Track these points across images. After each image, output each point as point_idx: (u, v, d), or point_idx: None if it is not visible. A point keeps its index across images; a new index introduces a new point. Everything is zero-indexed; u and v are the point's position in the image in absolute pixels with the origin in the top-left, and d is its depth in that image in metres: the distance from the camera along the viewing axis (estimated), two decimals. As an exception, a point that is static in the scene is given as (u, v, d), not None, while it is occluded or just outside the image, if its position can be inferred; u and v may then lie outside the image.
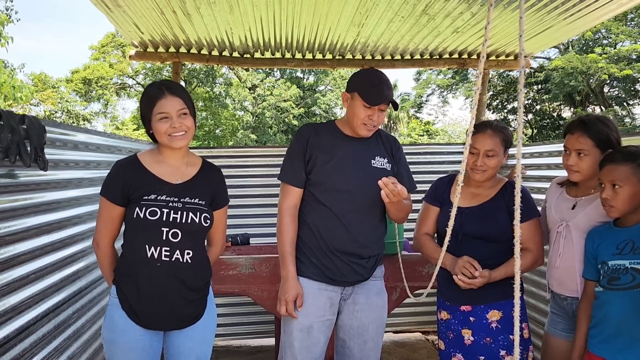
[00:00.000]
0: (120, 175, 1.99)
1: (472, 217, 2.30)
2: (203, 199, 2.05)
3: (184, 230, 1.96)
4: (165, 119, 1.95)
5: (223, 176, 2.20)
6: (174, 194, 1.99)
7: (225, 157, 4.49)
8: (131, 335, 1.94)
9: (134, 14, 3.19)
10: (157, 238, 1.93)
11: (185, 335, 2.03)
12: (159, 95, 1.96)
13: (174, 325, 2.02)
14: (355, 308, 2.29)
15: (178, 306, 1.99)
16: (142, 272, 1.94)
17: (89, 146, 3.04)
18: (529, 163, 3.93)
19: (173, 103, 1.96)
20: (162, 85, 2.00)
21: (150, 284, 1.94)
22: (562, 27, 3.49)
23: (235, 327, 4.49)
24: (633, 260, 1.88)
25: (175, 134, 1.97)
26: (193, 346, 2.04)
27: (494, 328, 2.25)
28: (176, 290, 1.97)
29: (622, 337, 1.89)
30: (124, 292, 1.97)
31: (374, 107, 2.19)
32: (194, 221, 1.98)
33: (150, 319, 1.97)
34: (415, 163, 4.54)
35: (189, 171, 2.08)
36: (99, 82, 24.08)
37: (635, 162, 1.92)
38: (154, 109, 1.95)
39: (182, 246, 1.97)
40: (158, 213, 1.93)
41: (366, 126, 2.22)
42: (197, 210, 2.00)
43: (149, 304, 1.95)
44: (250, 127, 25.78)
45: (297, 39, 3.81)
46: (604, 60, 19.32)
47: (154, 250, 1.93)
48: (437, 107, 31.26)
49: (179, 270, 1.97)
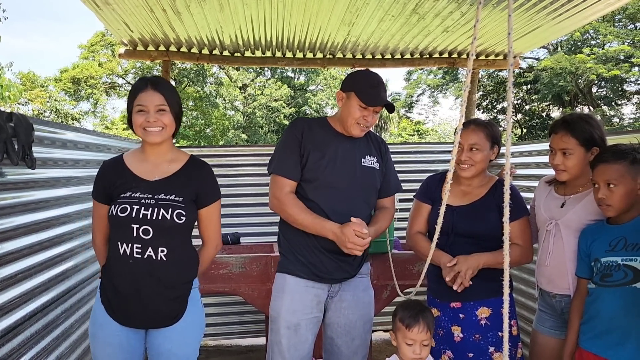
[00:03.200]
0: (103, 175, 2.06)
1: (463, 216, 2.31)
2: (181, 195, 2.00)
3: (155, 227, 1.93)
4: (142, 112, 1.96)
5: (211, 172, 2.15)
6: (148, 191, 1.98)
7: (215, 156, 4.47)
8: (108, 330, 1.96)
9: (123, 12, 3.17)
10: (128, 235, 1.93)
11: (164, 337, 1.99)
12: (141, 88, 1.98)
13: (150, 324, 1.99)
14: (342, 305, 2.29)
15: (153, 304, 1.95)
16: (117, 269, 1.96)
17: (78, 144, 3.02)
18: (518, 162, 3.96)
19: (153, 98, 1.96)
20: (148, 80, 2.01)
21: (124, 280, 1.95)
22: (550, 26, 3.52)
23: (226, 326, 4.48)
24: (625, 256, 1.90)
25: (150, 128, 1.96)
26: (172, 348, 1.99)
27: (483, 325, 2.26)
28: (150, 287, 1.94)
29: (613, 333, 1.90)
30: (105, 287, 2.01)
31: (370, 109, 2.20)
32: (165, 218, 1.93)
33: (125, 315, 1.96)
34: (406, 162, 4.56)
35: (170, 168, 2.05)
36: (88, 81, 23.87)
37: (627, 160, 1.94)
38: (135, 101, 1.97)
39: (154, 243, 1.93)
40: (128, 210, 1.93)
41: (359, 126, 2.23)
42: (170, 206, 1.96)
43: (123, 300, 1.96)
44: (241, 126, 25.71)
45: (287, 38, 3.81)
46: (592, 61, 19.50)
47: (125, 247, 1.93)
48: (427, 107, 31.36)
49: (153, 268, 1.93)
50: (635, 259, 1.86)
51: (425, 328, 2.02)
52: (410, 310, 2.06)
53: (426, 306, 2.15)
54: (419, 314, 2.04)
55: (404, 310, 2.07)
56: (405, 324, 2.03)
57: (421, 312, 2.05)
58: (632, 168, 1.93)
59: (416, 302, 2.13)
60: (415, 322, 2.03)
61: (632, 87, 21.55)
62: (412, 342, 2.02)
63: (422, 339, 2.02)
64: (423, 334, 2.02)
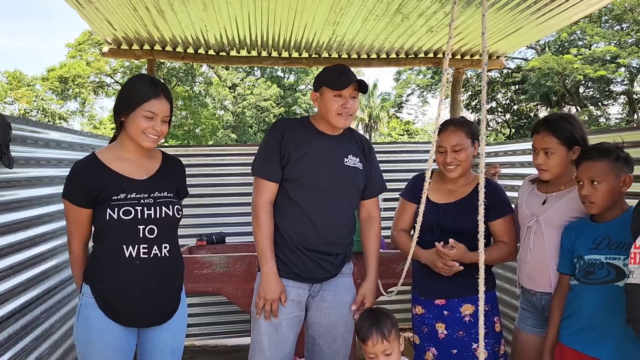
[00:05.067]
0: (83, 178, 1.93)
1: (449, 213, 2.33)
2: (171, 191, 2.05)
3: (160, 225, 1.95)
4: (150, 119, 1.93)
5: (184, 167, 2.20)
6: (143, 190, 1.96)
7: (202, 155, 4.46)
8: (109, 334, 1.92)
9: (105, 11, 3.15)
10: (134, 237, 1.91)
11: (162, 329, 2.03)
12: (154, 94, 1.93)
13: (153, 321, 2.01)
14: (324, 305, 2.29)
15: (158, 302, 1.99)
16: (121, 272, 1.92)
17: (61, 144, 3.01)
18: (503, 161, 3.99)
19: (163, 107, 1.96)
20: (158, 84, 1.98)
21: (130, 282, 1.92)
22: (534, 26, 3.55)
23: (212, 326, 4.47)
24: (609, 255, 1.91)
25: (151, 135, 1.95)
26: (168, 339, 2.04)
27: (467, 322, 2.28)
28: (156, 285, 1.97)
29: (593, 330, 1.92)
30: (101, 291, 1.92)
31: (345, 95, 2.20)
32: (167, 215, 1.97)
33: (130, 316, 1.95)
34: (393, 162, 4.58)
35: (151, 165, 2.05)
36: (75, 80, 23.71)
37: (611, 158, 1.96)
38: (145, 104, 1.91)
39: (159, 241, 1.96)
40: (132, 212, 1.90)
41: (342, 116, 2.22)
42: (169, 203, 2.00)
43: (129, 302, 1.93)
44: (231, 126, 25.66)
45: (272, 37, 3.80)
46: (579, 61, 19.70)
47: (132, 250, 1.91)
48: (416, 106, 31.55)
49: (158, 266, 1.96)
50: (619, 258, 1.87)
51: (380, 338, 1.90)
52: (364, 321, 1.98)
53: (385, 312, 2.02)
54: (372, 325, 1.93)
55: (360, 322, 1.99)
56: (360, 337, 1.95)
57: (375, 323, 1.94)
58: (616, 166, 1.95)
59: (372, 311, 2.04)
60: (368, 334, 1.92)
61: (618, 87, 21.80)
62: (372, 355, 1.92)
63: (382, 350, 1.91)
64: (380, 345, 1.90)
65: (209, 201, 4.41)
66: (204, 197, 4.40)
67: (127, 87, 1.99)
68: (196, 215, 4.35)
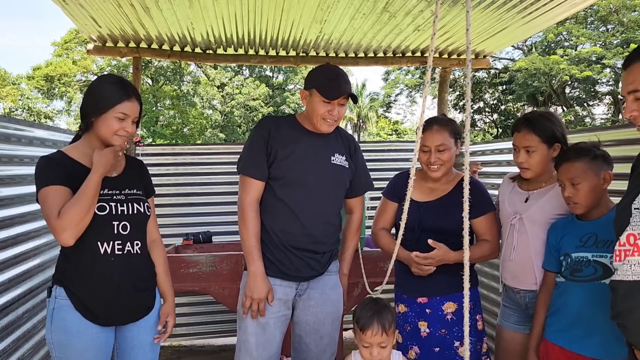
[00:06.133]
0: (56, 163, 1.88)
1: (430, 212, 2.33)
2: (139, 189, 2.07)
3: (132, 222, 1.97)
4: (121, 120, 1.93)
5: (145, 165, 2.21)
6: (114, 187, 1.97)
7: (189, 154, 4.44)
8: (88, 335, 1.89)
9: (90, 7, 3.11)
10: (108, 233, 1.91)
11: (139, 327, 2.03)
12: (127, 95, 1.94)
13: (129, 319, 2.00)
14: (311, 303, 2.28)
15: (133, 298, 1.99)
16: (96, 270, 1.89)
17: (45, 142, 2.98)
18: (488, 160, 4.02)
19: (135, 108, 1.98)
20: (129, 86, 1.99)
21: (105, 280, 1.91)
22: (520, 26, 3.56)
23: (199, 326, 4.45)
24: (596, 253, 1.93)
25: (122, 135, 1.95)
26: (146, 337, 2.04)
27: (449, 319, 2.28)
28: (131, 282, 1.96)
29: (579, 327, 1.94)
30: (76, 292, 1.89)
31: (333, 102, 2.19)
32: (139, 211, 1.99)
33: (109, 315, 1.93)
34: (381, 160, 4.58)
35: (119, 164, 2.05)
36: (61, 79, 23.47)
37: (589, 157, 1.98)
38: (118, 106, 1.91)
39: (131, 238, 1.97)
40: (107, 208, 1.90)
41: (326, 121, 2.22)
42: (140, 200, 2.03)
43: (106, 300, 1.92)
44: (219, 125, 25.56)
45: (259, 35, 3.78)
46: (566, 62, 19.86)
47: (107, 246, 1.90)
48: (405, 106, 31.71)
49: (132, 263, 1.96)
50: (606, 256, 1.89)
51: (380, 330, 1.92)
52: (366, 310, 1.98)
53: (386, 304, 2.03)
54: (374, 315, 1.94)
55: (361, 310, 2.00)
56: (359, 325, 1.96)
57: (377, 313, 1.95)
58: (594, 164, 1.97)
59: (375, 301, 2.03)
60: (369, 324, 1.93)
61: (603, 88, 22.03)
62: (368, 344, 1.94)
63: (378, 342, 1.93)
64: (378, 337, 1.92)
65: (196, 200, 4.39)
66: (191, 196, 4.38)
67: (98, 88, 1.97)
68: (183, 215, 4.33)
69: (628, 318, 1.43)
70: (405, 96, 29.89)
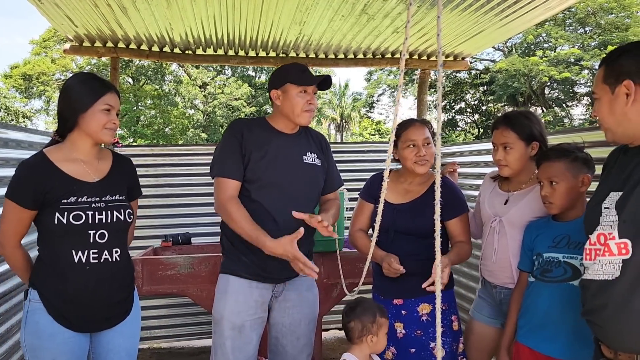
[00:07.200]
0: (31, 179, 1.86)
1: (403, 214, 2.34)
2: (122, 194, 2.02)
3: (111, 230, 1.92)
4: (107, 112, 1.94)
5: (134, 166, 2.17)
6: (94, 194, 1.92)
7: (168, 155, 4.40)
8: (60, 339, 1.87)
9: (66, 7, 3.07)
10: (84, 242, 1.87)
11: (115, 332, 1.99)
12: (108, 88, 1.96)
13: (105, 325, 1.97)
14: (287, 305, 2.28)
15: (109, 306, 1.96)
16: (70, 278, 1.87)
17: (21, 144, 2.93)
18: (467, 161, 4.06)
19: (117, 100, 1.99)
20: (105, 80, 2.02)
21: (80, 288, 1.88)
22: (497, 28, 3.62)
23: (178, 328, 4.41)
24: (567, 254, 1.95)
25: (111, 128, 1.95)
26: (122, 342, 2.01)
27: (424, 321, 2.30)
28: (107, 291, 1.93)
29: (547, 328, 1.96)
30: (49, 297, 1.87)
31: (310, 91, 2.21)
32: (119, 219, 1.94)
33: (82, 321, 1.91)
34: (362, 161, 4.59)
35: (102, 166, 2.01)
36: (40, 78, 23.09)
37: (569, 158, 2.00)
38: (103, 98, 1.92)
39: (109, 246, 1.92)
40: (83, 217, 1.86)
41: (308, 112, 2.23)
42: (121, 207, 1.97)
43: (79, 307, 1.89)
44: (201, 125, 25.38)
45: (239, 36, 3.78)
46: (545, 63, 20.15)
47: (81, 255, 1.87)
48: (388, 106, 31.75)
49: (109, 271, 1.92)
50: (576, 257, 1.90)
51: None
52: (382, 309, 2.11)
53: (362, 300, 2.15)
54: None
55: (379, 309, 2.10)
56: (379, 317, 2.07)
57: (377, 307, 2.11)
58: (573, 166, 1.99)
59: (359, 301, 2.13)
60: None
61: (582, 89, 22.40)
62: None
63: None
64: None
65: (175, 201, 4.36)
66: (171, 197, 4.35)
67: (77, 86, 1.95)
68: (162, 216, 4.30)
69: (598, 315, 1.46)
70: (388, 96, 30.06)
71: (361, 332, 2.04)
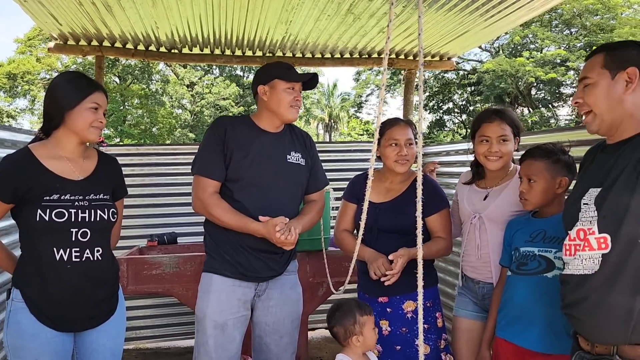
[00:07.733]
0: (13, 174, 1.85)
1: (385, 212, 2.36)
2: (107, 193, 2.01)
3: (93, 229, 1.91)
4: (95, 111, 1.94)
5: (120, 165, 2.16)
6: (77, 192, 1.91)
7: (154, 154, 4.38)
8: (43, 339, 1.85)
9: (50, 5, 3.04)
10: (65, 240, 1.86)
11: (99, 332, 1.98)
12: (95, 87, 1.97)
13: (88, 325, 1.96)
14: (270, 304, 2.28)
15: (92, 305, 1.95)
16: (51, 276, 1.86)
17: (5, 143, 2.90)
18: (451, 160, 4.08)
19: (104, 99, 2.00)
20: (91, 79, 2.02)
21: (61, 286, 1.87)
22: (482, 28, 3.64)
23: (164, 328, 4.39)
24: (542, 248, 1.99)
25: (98, 127, 1.95)
26: (107, 342, 2.00)
27: (409, 318, 2.32)
28: (89, 290, 1.92)
29: (522, 320, 2.00)
30: (31, 296, 1.86)
31: (297, 88, 2.24)
32: (102, 219, 1.94)
33: (65, 321, 1.90)
34: (352, 160, 4.60)
35: (87, 165, 2.00)
36: (24, 77, 22.83)
37: (551, 159, 2.04)
38: (91, 96, 1.93)
39: (91, 245, 1.91)
40: (65, 214, 1.85)
41: (294, 108, 2.25)
42: (105, 206, 1.96)
43: (61, 307, 1.88)
44: (189, 125, 25.27)
45: (225, 35, 3.77)
46: (531, 64, 20.30)
47: (62, 253, 1.86)
48: (376, 106, 31.76)
49: (91, 270, 1.92)
50: (551, 251, 1.96)
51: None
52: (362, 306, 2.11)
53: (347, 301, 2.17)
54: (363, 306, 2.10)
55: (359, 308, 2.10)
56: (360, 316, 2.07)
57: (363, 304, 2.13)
58: (553, 167, 2.03)
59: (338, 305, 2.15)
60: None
61: (568, 89, 22.59)
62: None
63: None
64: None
65: (161, 201, 4.34)
66: (156, 196, 4.32)
67: (64, 83, 1.95)
68: (148, 216, 4.28)
69: (577, 309, 1.48)
70: (376, 96, 30.06)
71: (345, 335, 2.05)
